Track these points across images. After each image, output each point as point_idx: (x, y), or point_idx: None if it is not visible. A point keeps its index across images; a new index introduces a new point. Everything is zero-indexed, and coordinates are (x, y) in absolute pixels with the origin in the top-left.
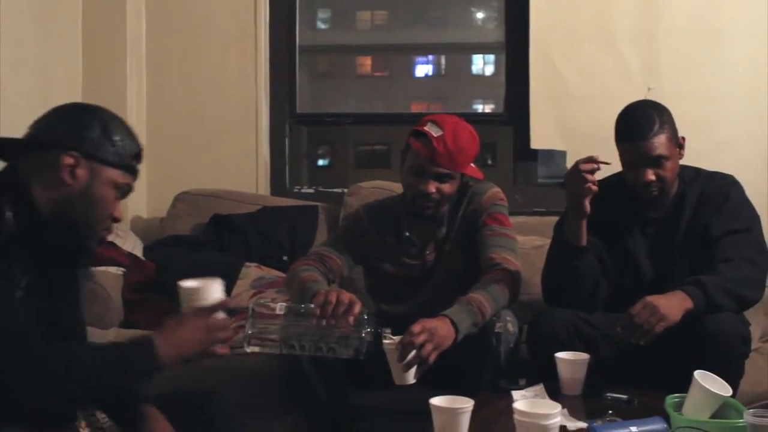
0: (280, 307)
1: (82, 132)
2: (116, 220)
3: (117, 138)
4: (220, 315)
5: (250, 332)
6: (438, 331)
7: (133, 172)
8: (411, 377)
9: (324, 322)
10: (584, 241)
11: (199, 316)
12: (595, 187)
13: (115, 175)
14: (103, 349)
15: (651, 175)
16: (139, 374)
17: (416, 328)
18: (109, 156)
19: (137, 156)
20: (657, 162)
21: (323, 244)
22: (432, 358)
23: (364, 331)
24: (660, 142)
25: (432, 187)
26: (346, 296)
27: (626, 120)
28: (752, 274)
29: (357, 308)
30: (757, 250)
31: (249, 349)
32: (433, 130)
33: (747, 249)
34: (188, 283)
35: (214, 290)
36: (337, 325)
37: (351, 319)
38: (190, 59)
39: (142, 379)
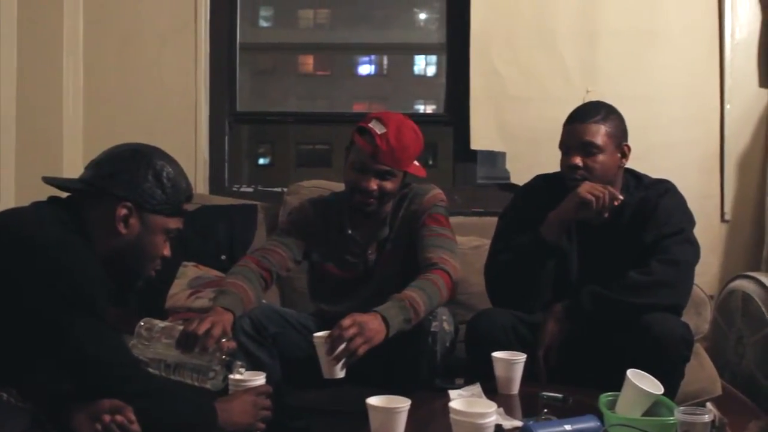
0: (154, 329)
1: (135, 182)
2: (165, 258)
3: (168, 185)
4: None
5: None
6: (368, 325)
7: (184, 215)
8: (340, 371)
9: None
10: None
11: (248, 394)
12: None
13: (166, 222)
14: (192, 399)
15: (577, 160)
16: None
17: (346, 322)
18: (160, 205)
19: (188, 199)
20: (585, 148)
21: (269, 238)
22: (361, 351)
23: (214, 367)
24: (594, 131)
25: (373, 184)
26: (203, 327)
27: (575, 109)
28: (664, 276)
29: (211, 342)
30: (683, 251)
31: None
32: (377, 128)
33: (672, 252)
34: (237, 376)
35: (258, 380)
36: (193, 356)
37: (199, 350)
38: (129, 55)
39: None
